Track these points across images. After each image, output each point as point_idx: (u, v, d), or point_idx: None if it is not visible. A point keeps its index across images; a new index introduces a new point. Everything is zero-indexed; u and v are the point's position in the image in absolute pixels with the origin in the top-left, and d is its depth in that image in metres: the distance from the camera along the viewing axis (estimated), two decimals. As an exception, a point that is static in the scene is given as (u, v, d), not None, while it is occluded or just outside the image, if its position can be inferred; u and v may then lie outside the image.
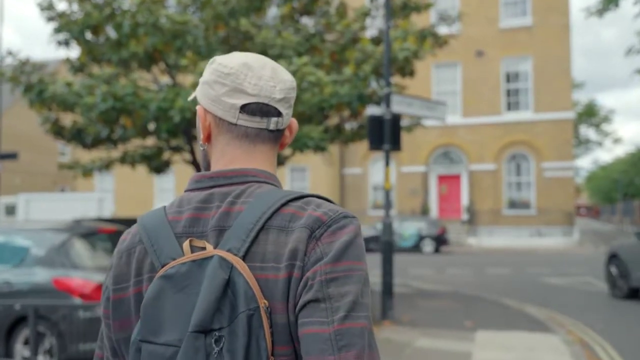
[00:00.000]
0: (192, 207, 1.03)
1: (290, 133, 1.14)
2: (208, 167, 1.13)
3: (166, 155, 11.84)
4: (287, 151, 10.73)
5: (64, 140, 10.25)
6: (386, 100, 8.18)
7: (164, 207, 1.07)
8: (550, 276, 14.01)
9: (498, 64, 27.29)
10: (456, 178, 27.91)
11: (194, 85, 8.13)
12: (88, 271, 6.15)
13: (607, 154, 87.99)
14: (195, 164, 11.04)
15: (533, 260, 17.59)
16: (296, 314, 0.92)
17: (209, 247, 0.96)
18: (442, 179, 28.17)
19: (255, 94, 1.05)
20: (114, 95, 8.21)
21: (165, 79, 10.98)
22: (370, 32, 11.72)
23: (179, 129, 9.04)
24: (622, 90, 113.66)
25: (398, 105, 8.34)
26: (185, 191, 1.08)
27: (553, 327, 8.04)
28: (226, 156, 1.08)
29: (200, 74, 8.17)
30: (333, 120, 10.78)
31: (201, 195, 1.04)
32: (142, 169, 12.04)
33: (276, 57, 8.97)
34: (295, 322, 0.92)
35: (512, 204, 26.93)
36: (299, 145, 8.80)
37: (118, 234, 6.98)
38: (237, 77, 1.05)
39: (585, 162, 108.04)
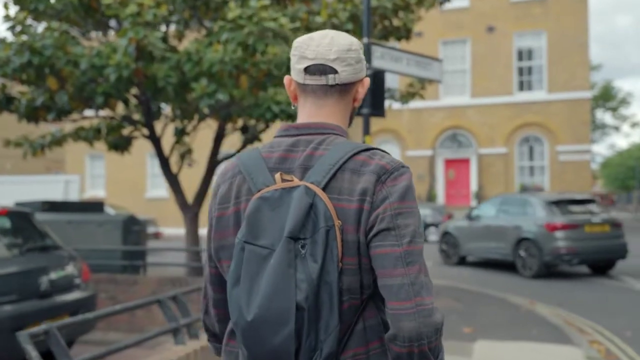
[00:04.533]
0: (282, 149, 1.34)
1: (362, 88, 1.43)
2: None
3: (126, 130, 10.33)
4: (253, 122, 9.21)
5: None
6: (366, 53, 6.58)
7: (258, 148, 1.38)
8: (566, 268, 12.38)
9: (510, 39, 25.48)
10: (465, 162, 26.23)
11: (124, 32, 6.59)
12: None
13: (624, 140, 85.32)
14: (152, 138, 9.53)
15: (546, 250, 15.93)
16: (369, 239, 1.23)
17: (296, 180, 1.26)
18: (449, 163, 26.49)
19: (313, 58, 1.35)
20: (30, 48, 6.69)
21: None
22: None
23: (118, 91, 7.48)
24: (638, 77, 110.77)
25: (381, 60, 6.74)
26: (275, 137, 1.39)
27: (571, 335, 6.46)
28: (305, 111, 1.40)
29: (131, 16, 6.62)
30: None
31: (289, 140, 1.35)
32: (135, 152, 10.59)
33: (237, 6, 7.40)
34: (365, 242, 1.24)
35: (525, 190, 25.21)
36: (262, 111, 7.25)
37: (13, 214, 5.46)
38: (301, 48, 1.38)
39: (602, 148, 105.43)
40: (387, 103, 10.99)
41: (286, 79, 1.43)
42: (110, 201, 26.67)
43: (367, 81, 1.43)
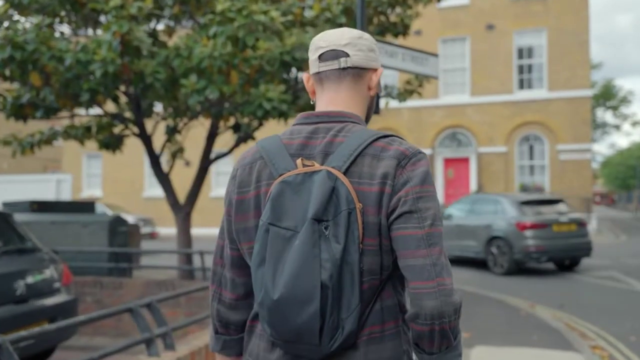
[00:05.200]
0: (302, 135, 1.39)
1: (376, 77, 1.46)
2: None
3: (117, 129, 10.08)
4: (245, 120, 8.98)
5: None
6: (360, 47, 6.33)
7: (278, 135, 1.43)
8: (567, 270, 12.15)
9: (510, 37, 25.22)
10: (464, 161, 25.97)
11: (107, 27, 6.36)
12: None
13: (624, 139, 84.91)
14: (142, 136, 9.29)
15: (547, 251, 15.66)
16: (391, 220, 1.28)
17: (317, 165, 1.31)
18: (448, 162, 26.23)
19: (326, 45, 1.44)
20: (12, 42, 6.45)
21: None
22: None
23: (106, 88, 7.23)
24: (639, 76, 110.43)
25: (375, 55, 6.50)
26: (294, 125, 1.43)
27: (573, 340, 6.23)
28: (322, 99, 1.45)
29: (114, 9, 6.38)
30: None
31: (309, 128, 1.39)
32: (132, 151, 10.22)
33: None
34: (386, 224, 1.28)
35: (525, 189, 24.96)
36: (253, 108, 7.00)
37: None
38: (316, 41, 1.47)
39: (602, 147, 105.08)
40: (384, 101, 10.76)
41: (304, 76, 1.50)
42: (107, 201, 26.44)
43: (381, 70, 1.48)
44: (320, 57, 1.43)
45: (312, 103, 1.50)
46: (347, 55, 1.41)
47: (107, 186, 28.48)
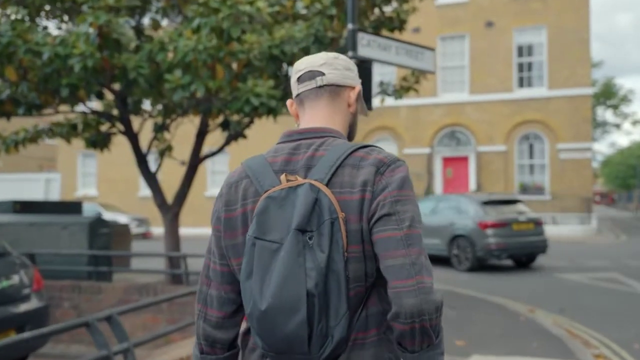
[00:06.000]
0: (285, 152, 1.43)
1: (353, 93, 1.52)
2: None
3: (105, 127, 9.77)
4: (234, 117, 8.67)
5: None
6: (351, 40, 6.03)
7: (262, 154, 1.47)
8: (567, 271, 11.83)
9: (509, 35, 24.90)
10: (463, 160, 25.66)
11: (83, 18, 6.04)
12: None
13: (624, 138, 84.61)
14: (128, 134, 8.99)
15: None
16: (371, 225, 1.31)
17: (299, 179, 1.34)
18: (447, 161, 25.92)
19: (303, 68, 1.51)
20: (-15, 35, 6.14)
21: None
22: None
23: (87, 84, 6.92)
24: (639, 75, 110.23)
25: (367, 49, 6.18)
26: (278, 144, 1.47)
27: (575, 348, 5.92)
28: (304, 119, 1.51)
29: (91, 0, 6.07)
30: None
31: (292, 145, 1.44)
32: (128, 150, 9.82)
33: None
34: (367, 229, 1.31)
35: (524, 189, 24.65)
36: (240, 104, 6.69)
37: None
38: (296, 65, 1.54)
39: (602, 146, 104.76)
40: (380, 98, 10.45)
41: (288, 102, 1.57)
42: (102, 200, 26.12)
43: (359, 88, 1.53)
44: (298, 79, 1.50)
45: (297, 125, 1.53)
46: (322, 74, 1.48)
47: (102, 185, 28.14)
